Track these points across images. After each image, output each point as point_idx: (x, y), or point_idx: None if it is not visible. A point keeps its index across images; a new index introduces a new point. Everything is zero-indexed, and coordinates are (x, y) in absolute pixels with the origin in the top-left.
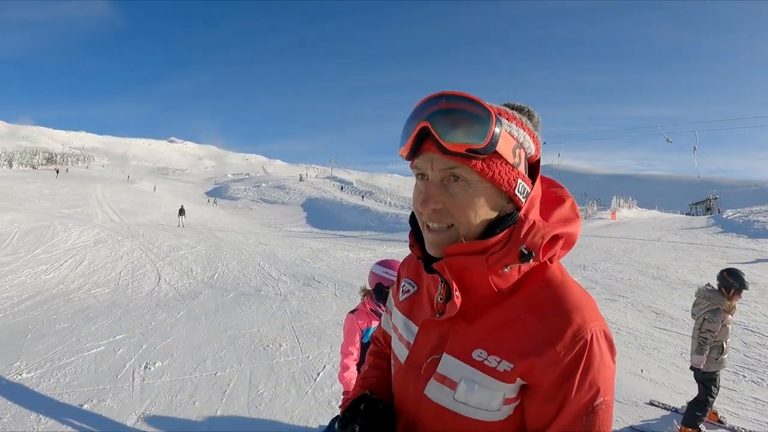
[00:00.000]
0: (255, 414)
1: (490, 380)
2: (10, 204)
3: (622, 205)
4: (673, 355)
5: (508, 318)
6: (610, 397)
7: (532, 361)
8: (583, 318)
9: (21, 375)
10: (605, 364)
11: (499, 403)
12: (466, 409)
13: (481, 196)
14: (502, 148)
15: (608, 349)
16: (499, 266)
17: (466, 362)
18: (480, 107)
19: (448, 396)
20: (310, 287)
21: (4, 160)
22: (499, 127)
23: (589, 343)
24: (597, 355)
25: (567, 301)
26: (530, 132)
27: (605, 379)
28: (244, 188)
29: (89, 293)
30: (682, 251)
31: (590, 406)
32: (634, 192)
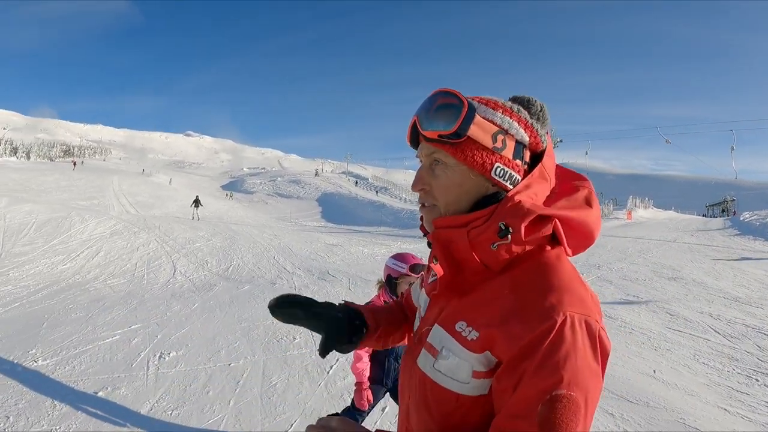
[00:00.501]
0: (268, 405)
1: (459, 348)
2: (28, 195)
3: (638, 206)
4: (687, 357)
5: (492, 294)
6: (580, 395)
7: (494, 331)
8: (560, 300)
9: (37, 362)
10: (578, 355)
11: (467, 375)
12: (441, 378)
13: (458, 177)
14: (477, 133)
15: (587, 342)
16: (484, 242)
17: (448, 332)
18: (453, 97)
19: (430, 363)
20: (324, 281)
21: (23, 152)
22: (471, 115)
23: (559, 325)
24: (567, 340)
25: (549, 282)
26: (521, 120)
27: (575, 371)
28: (260, 182)
29: (105, 283)
30: (697, 253)
31: (547, 393)
32: (651, 192)
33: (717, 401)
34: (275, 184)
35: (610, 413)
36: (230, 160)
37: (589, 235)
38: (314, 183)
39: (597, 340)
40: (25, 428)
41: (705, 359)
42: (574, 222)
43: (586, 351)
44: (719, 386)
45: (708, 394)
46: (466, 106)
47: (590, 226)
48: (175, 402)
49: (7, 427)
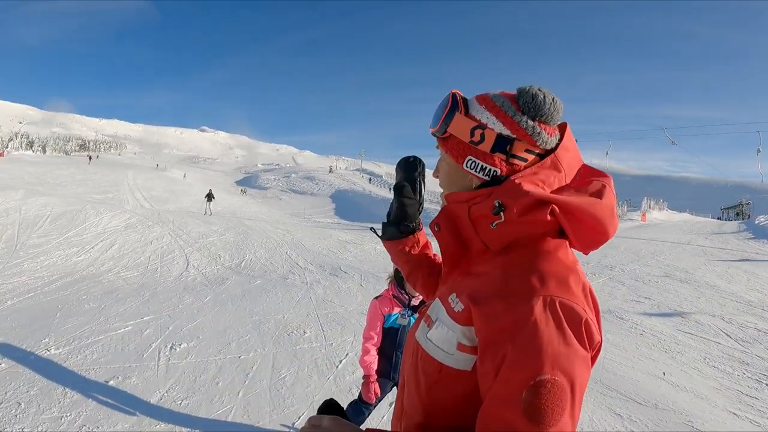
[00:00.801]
0: (276, 397)
1: (447, 318)
2: (44, 188)
3: (653, 207)
4: (697, 360)
5: (485, 271)
6: (565, 379)
7: (476, 307)
8: (544, 284)
9: (49, 351)
10: (561, 339)
11: (452, 346)
12: (430, 347)
13: (447, 168)
14: (455, 129)
15: (572, 327)
16: (482, 220)
17: (442, 303)
18: (447, 98)
19: (425, 333)
20: (336, 277)
21: (38, 146)
22: (452, 113)
23: (540, 307)
24: (550, 324)
25: (537, 266)
26: (501, 113)
27: (558, 355)
28: (274, 178)
29: (119, 276)
30: (711, 256)
31: (531, 379)
32: (666, 194)
33: (726, 405)
34: (289, 180)
35: (618, 414)
36: (244, 156)
37: (601, 230)
38: (328, 180)
39: (582, 327)
40: (36, 414)
41: (715, 362)
42: (579, 212)
43: (571, 336)
44: (729, 390)
45: (717, 398)
46: (449, 105)
47: (600, 219)
48: (184, 392)
49: (19, 413)
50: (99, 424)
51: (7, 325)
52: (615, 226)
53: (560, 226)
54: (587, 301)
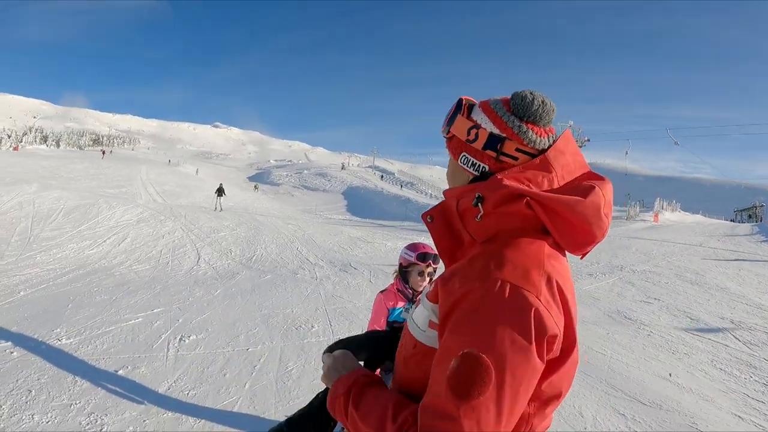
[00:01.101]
0: (282, 389)
1: (424, 298)
2: (57, 182)
3: (665, 208)
4: (704, 362)
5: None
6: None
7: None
8: (500, 268)
9: (60, 340)
10: (500, 321)
11: (425, 324)
12: (412, 327)
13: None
14: (457, 129)
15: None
16: (467, 212)
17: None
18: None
19: (411, 312)
20: (346, 273)
21: (52, 141)
22: (455, 115)
23: (488, 287)
24: (492, 305)
25: (501, 253)
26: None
27: (492, 336)
28: (286, 174)
29: (130, 269)
30: (723, 258)
31: (461, 349)
32: (679, 195)
33: (731, 408)
34: (301, 176)
35: (622, 413)
36: (257, 152)
37: (585, 229)
38: (340, 176)
39: (530, 314)
40: (46, 402)
41: (722, 365)
42: (558, 208)
43: (512, 320)
44: (735, 393)
45: (723, 401)
46: (454, 109)
47: (582, 217)
48: (192, 383)
49: (30, 399)
50: (107, 412)
51: (19, 315)
52: (602, 227)
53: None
54: (552, 295)
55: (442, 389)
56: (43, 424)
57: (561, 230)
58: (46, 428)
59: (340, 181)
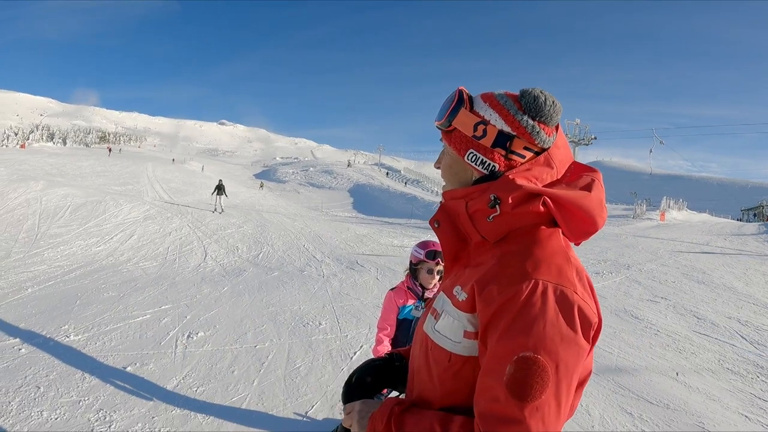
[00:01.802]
0: (291, 386)
1: (454, 309)
2: (64, 179)
3: (672, 207)
4: (711, 361)
5: (483, 261)
6: (549, 360)
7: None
8: (536, 268)
9: (69, 337)
10: (546, 321)
11: (459, 335)
12: (439, 337)
13: (449, 160)
14: (459, 123)
15: (560, 310)
16: (479, 213)
17: (447, 296)
18: (453, 94)
19: (431, 325)
20: (352, 270)
21: (59, 138)
22: (458, 108)
23: (529, 290)
24: (536, 306)
25: (530, 252)
26: (503, 111)
27: (542, 336)
28: (292, 172)
29: (137, 266)
30: (730, 257)
31: (515, 354)
32: (686, 194)
33: (738, 407)
34: (307, 173)
35: (629, 412)
36: (263, 149)
37: (590, 221)
38: (346, 174)
39: (574, 309)
40: (54, 398)
41: (729, 365)
42: (569, 204)
43: (558, 318)
44: (742, 393)
45: (730, 400)
46: (455, 101)
47: (589, 210)
48: (200, 379)
49: (38, 396)
50: (116, 408)
51: (27, 311)
52: (604, 217)
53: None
54: (583, 286)
55: (501, 394)
56: (51, 420)
57: (569, 222)
58: (54, 425)
59: (346, 178)
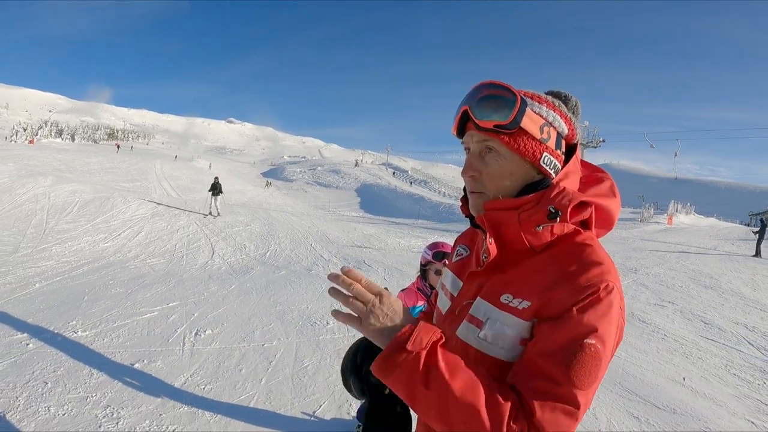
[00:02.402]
0: (298, 385)
1: (510, 318)
2: (73, 175)
3: (679, 211)
4: (718, 367)
5: (536, 269)
6: (606, 350)
7: (550, 295)
8: (603, 271)
9: (76, 333)
10: (612, 316)
11: (515, 343)
12: (487, 347)
13: (510, 164)
14: (528, 125)
15: (619, 308)
16: (531, 224)
17: (493, 304)
18: (507, 91)
19: (474, 333)
20: (360, 270)
21: (67, 135)
22: (524, 108)
23: (601, 289)
24: (605, 302)
25: (590, 257)
26: (562, 113)
27: (607, 329)
28: (300, 170)
29: (145, 262)
30: (737, 262)
31: (580, 340)
32: (694, 198)
33: (744, 413)
34: (315, 173)
35: (636, 416)
36: (271, 148)
37: (611, 222)
38: (354, 173)
39: (623, 308)
40: (62, 394)
41: (736, 370)
42: (603, 208)
43: (619, 314)
44: (748, 398)
45: (736, 406)
46: (519, 99)
47: (613, 213)
48: (208, 377)
49: (45, 391)
50: (124, 405)
51: (35, 307)
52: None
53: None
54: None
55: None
56: (59, 416)
57: (597, 225)
58: (62, 420)
59: (353, 178)
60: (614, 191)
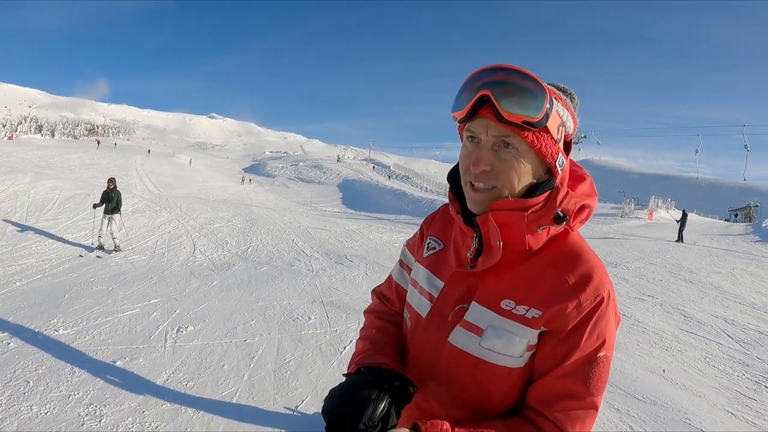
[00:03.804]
0: (281, 380)
1: (518, 327)
2: (53, 172)
3: (660, 206)
4: (697, 359)
5: (535, 273)
6: (611, 354)
7: (559, 307)
8: (601, 278)
9: (58, 331)
10: (612, 323)
11: (522, 350)
12: (491, 355)
13: (527, 163)
14: (551, 124)
15: (615, 312)
16: (534, 226)
17: (494, 311)
18: (537, 84)
19: (474, 341)
20: (341, 265)
21: (47, 130)
22: (551, 105)
23: (605, 299)
24: (608, 312)
25: (589, 261)
26: (572, 113)
27: (610, 336)
28: (282, 166)
29: (126, 259)
30: (717, 257)
31: (594, 355)
32: (674, 194)
33: (724, 404)
34: (297, 168)
35: (616, 408)
36: (253, 143)
37: (589, 217)
38: (336, 169)
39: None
40: (44, 392)
41: (715, 362)
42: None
43: (616, 317)
44: (727, 390)
45: (715, 397)
46: (549, 96)
47: (593, 210)
48: (191, 373)
49: (27, 390)
50: (106, 403)
51: (15, 305)
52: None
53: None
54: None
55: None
56: (42, 415)
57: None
58: (45, 419)
59: (335, 173)
60: (594, 189)
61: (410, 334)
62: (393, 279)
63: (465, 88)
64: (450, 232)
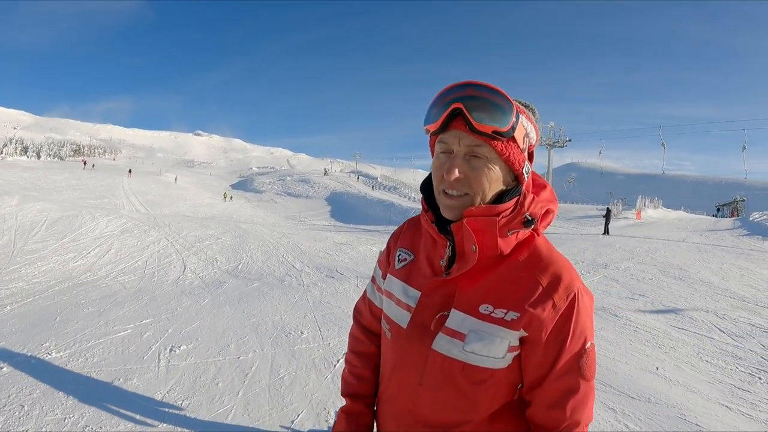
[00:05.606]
0: (275, 396)
1: (498, 329)
2: (39, 194)
3: (647, 205)
4: (690, 355)
5: (509, 277)
6: (593, 339)
7: (537, 310)
8: (571, 276)
9: (50, 354)
10: (589, 315)
11: (505, 351)
12: (474, 358)
13: (497, 171)
14: (518, 134)
15: (590, 302)
16: (505, 230)
17: (473, 316)
18: (504, 98)
19: (458, 347)
20: (332, 279)
21: (33, 152)
22: (516, 118)
23: (576, 295)
24: (583, 306)
25: (557, 263)
26: (534, 125)
27: (590, 327)
28: (269, 181)
29: (116, 280)
30: (706, 253)
31: (583, 348)
32: (661, 192)
33: (719, 398)
34: (284, 183)
35: (611, 408)
36: (239, 159)
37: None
38: (323, 182)
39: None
40: (39, 416)
41: (708, 357)
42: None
43: (592, 308)
44: (721, 384)
45: (710, 392)
46: (515, 109)
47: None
48: (185, 392)
49: (23, 414)
50: (102, 425)
51: (7, 329)
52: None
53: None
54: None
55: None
56: None
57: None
58: None
59: (323, 186)
60: (555, 196)
61: (392, 344)
62: (367, 296)
63: (436, 103)
64: (419, 242)
